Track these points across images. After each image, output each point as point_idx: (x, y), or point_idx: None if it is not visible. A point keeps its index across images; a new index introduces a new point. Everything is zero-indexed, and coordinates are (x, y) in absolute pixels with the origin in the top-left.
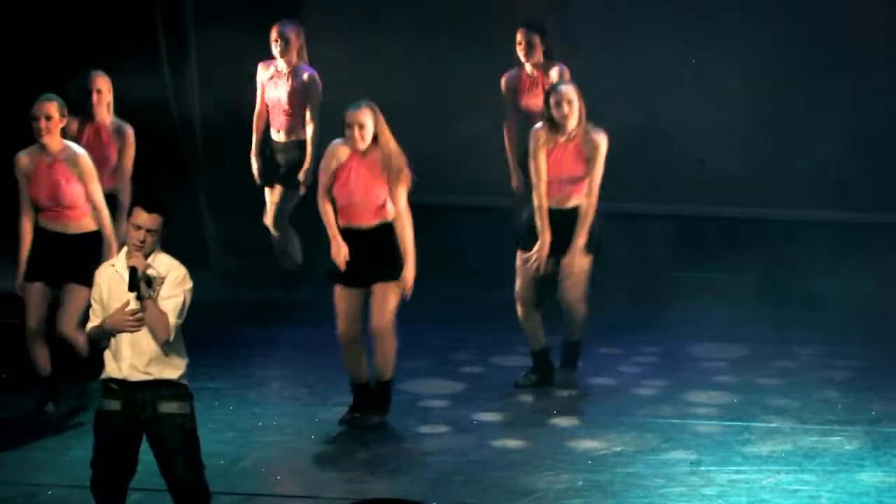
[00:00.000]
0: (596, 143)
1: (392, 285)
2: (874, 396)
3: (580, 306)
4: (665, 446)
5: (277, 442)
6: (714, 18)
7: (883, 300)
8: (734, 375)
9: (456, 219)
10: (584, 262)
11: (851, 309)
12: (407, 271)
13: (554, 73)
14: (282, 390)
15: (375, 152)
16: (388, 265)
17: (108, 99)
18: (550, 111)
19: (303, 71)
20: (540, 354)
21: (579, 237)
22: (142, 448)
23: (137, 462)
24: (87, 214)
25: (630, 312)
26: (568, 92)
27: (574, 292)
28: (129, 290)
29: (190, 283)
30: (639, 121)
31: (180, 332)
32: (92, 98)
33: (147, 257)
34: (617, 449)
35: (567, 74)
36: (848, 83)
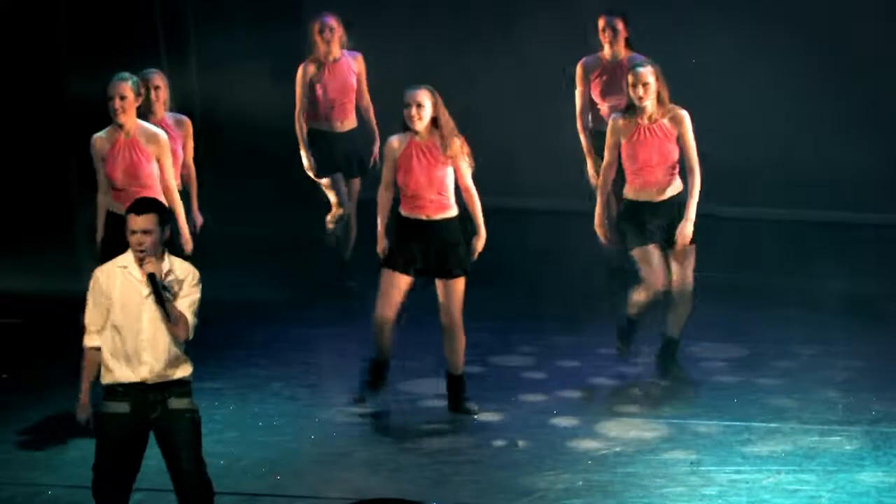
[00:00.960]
0: (679, 119)
1: (456, 280)
2: (874, 396)
3: (690, 300)
4: (665, 446)
5: (277, 442)
6: (714, 18)
7: (883, 300)
8: (734, 375)
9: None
10: (692, 249)
11: (852, 309)
12: (479, 240)
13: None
14: (282, 390)
15: (435, 137)
16: (452, 260)
17: (165, 96)
18: (629, 93)
19: (350, 57)
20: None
21: (686, 220)
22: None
23: (141, 464)
24: (160, 195)
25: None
26: (644, 73)
27: (686, 283)
28: (154, 298)
29: (201, 283)
30: None
31: None
32: (150, 95)
33: (158, 260)
34: (617, 449)
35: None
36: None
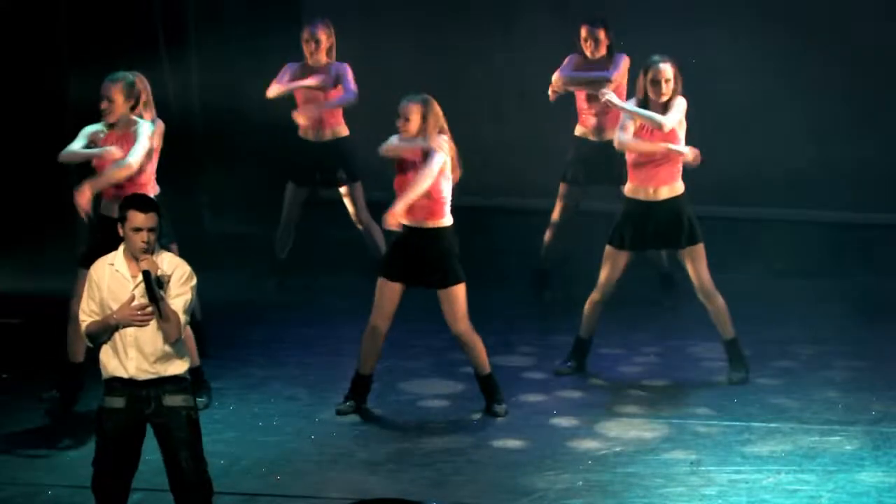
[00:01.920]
0: (673, 104)
1: (454, 289)
2: (874, 396)
3: (717, 297)
4: (665, 446)
5: (277, 442)
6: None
7: (883, 300)
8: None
9: (455, 218)
10: (699, 248)
11: (852, 309)
12: (388, 213)
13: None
14: (282, 390)
15: (427, 147)
16: (447, 271)
17: (146, 98)
18: (646, 89)
19: (335, 69)
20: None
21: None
22: (143, 448)
23: (139, 460)
24: (153, 188)
25: (630, 312)
26: (665, 70)
27: (704, 282)
28: (147, 296)
29: (195, 280)
30: None
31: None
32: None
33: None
34: (617, 449)
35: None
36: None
